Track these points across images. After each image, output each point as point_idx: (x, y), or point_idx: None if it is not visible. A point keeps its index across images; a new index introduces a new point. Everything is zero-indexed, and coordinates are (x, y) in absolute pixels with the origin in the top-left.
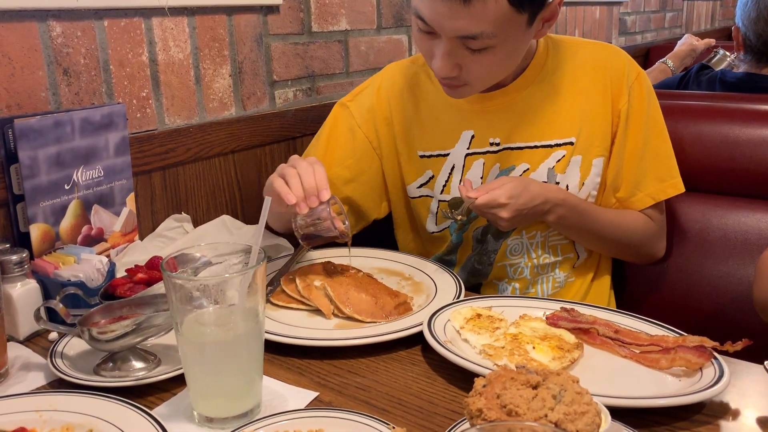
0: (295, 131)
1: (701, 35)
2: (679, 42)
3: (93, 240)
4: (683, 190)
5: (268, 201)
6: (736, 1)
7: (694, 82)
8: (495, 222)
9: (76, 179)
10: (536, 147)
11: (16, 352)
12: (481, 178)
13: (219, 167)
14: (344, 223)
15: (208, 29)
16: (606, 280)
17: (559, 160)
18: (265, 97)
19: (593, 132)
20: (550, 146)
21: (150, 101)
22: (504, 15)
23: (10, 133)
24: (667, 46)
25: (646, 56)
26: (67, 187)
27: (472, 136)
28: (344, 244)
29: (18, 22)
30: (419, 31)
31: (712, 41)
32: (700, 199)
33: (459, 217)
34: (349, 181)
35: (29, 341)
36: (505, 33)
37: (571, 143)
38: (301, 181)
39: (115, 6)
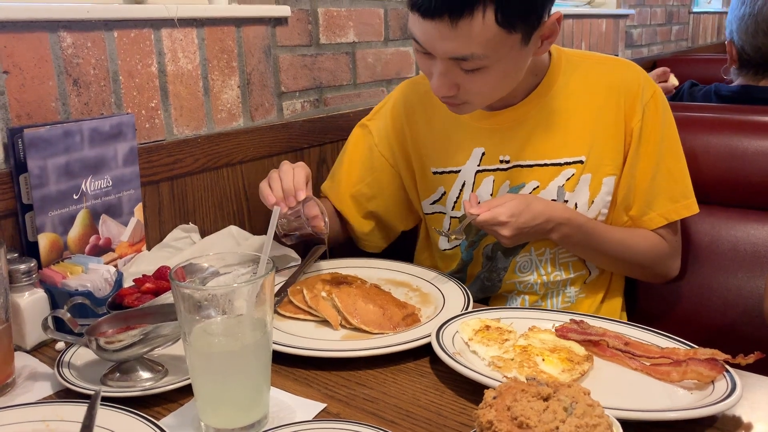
0: (303, 142)
1: (707, 49)
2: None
3: (101, 250)
4: (697, 210)
5: (276, 211)
6: None
7: (689, 98)
8: (497, 238)
9: (84, 189)
10: (546, 165)
11: (23, 361)
12: (491, 194)
13: (227, 178)
14: (324, 222)
15: (217, 41)
16: (617, 302)
17: (568, 179)
18: (272, 108)
19: (604, 151)
20: (560, 164)
21: (159, 112)
22: (494, 36)
23: (20, 142)
24: (673, 59)
25: (652, 69)
26: (75, 197)
27: (483, 153)
28: (353, 255)
29: (29, 33)
30: (417, 51)
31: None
32: (710, 211)
33: (453, 237)
34: (371, 198)
35: (36, 351)
36: (497, 53)
37: (581, 162)
38: (281, 182)
39: (125, 17)
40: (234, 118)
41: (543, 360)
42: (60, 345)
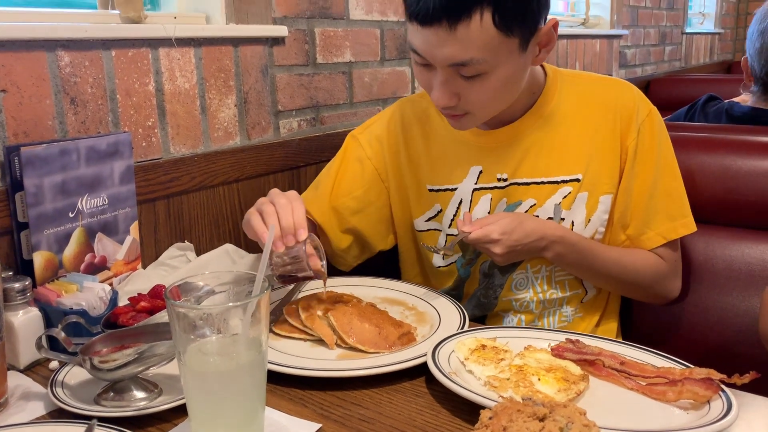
0: (299, 161)
1: (700, 69)
2: None
3: (96, 268)
4: (695, 229)
5: (272, 229)
6: (733, 34)
7: (701, 114)
8: (490, 256)
9: (80, 207)
10: (543, 183)
11: (16, 381)
12: (489, 212)
13: (223, 196)
14: (321, 262)
15: (215, 60)
16: (614, 324)
17: (565, 197)
18: (269, 126)
19: (601, 169)
20: (557, 182)
21: (155, 130)
22: (492, 39)
23: (16, 160)
24: (667, 79)
25: (646, 88)
26: (71, 215)
27: (480, 172)
28: (348, 274)
29: (27, 52)
30: (416, 65)
31: None
32: (704, 230)
33: (442, 252)
34: (356, 212)
35: (29, 370)
36: (496, 58)
37: (578, 180)
38: (279, 219)
39: (123, 37)
40: (231, 137)
41: (539, 380)
42: (53, 364)
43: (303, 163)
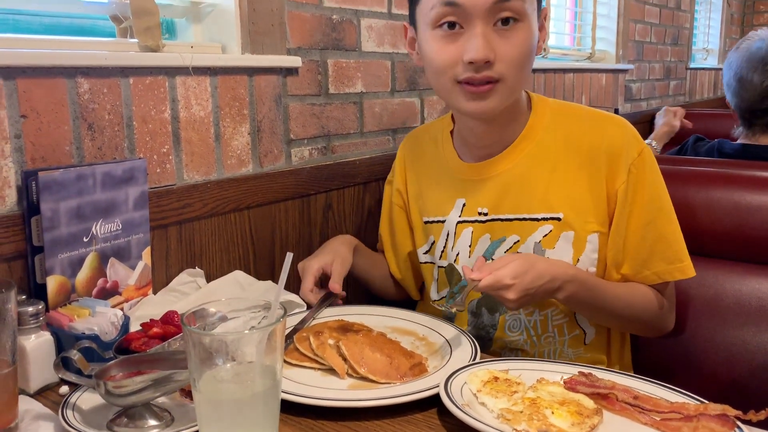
0: (310, 188)
1: (703, 104)
2: (658, 122)
3: (108, 293)
4: (692, 275)
5: (289, 257)
6: None
7: (692, 153)
8: (503, 303)
9: (94, 232)
10: (524, 219)
11: (26, 405)
12: (470, 246)
13: (234, 223)
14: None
15: (230, 89)
16: (627, 360)
17: (546, 235)
18: (281, 154)
19: (585, 208)
20: (537, 220)
21: (170, 157)
22: None
23: (33, 185)
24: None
25: (651, 122)
26: (85, 240)
27: (464, 204)
28: (359, 302)
29: (47, 78)
30: (442, 39)
31: (688, 124)
32: (713, 265)
33: (454, 310)
34: (398, 247)
35: (40, 395)
36: (531, 4)
37: (558, 219)
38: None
39: (141, 65)
40: (243, 164)
41: (552, 413)
42: (63, 389)
43: (314, 191)
